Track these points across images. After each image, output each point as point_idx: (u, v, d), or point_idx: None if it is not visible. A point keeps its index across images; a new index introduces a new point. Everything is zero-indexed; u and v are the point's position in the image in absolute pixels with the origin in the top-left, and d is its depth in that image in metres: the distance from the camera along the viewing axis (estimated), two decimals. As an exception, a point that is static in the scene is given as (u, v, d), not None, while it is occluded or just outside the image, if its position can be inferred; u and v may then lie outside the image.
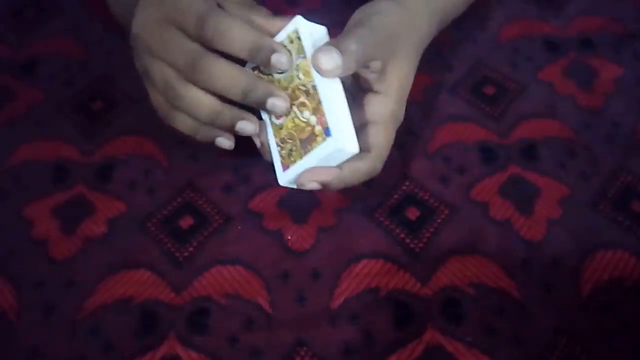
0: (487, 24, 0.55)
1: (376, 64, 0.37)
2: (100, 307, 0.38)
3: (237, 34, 0.34)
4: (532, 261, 0.40)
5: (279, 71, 0.36)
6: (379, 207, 0.43)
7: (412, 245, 0.41)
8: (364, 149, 0.37)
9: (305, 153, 0.35)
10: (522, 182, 0.44)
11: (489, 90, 0.50)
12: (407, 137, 0.46)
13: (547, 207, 0.43)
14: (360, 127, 0.37)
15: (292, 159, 0.37)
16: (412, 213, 0.43)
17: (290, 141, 0.36)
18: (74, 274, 0.40)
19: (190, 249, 0.41)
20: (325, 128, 0.34)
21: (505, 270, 0.40)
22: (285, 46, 0.35)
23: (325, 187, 0.36)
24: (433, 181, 0.44)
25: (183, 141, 0.46)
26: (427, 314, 0.38)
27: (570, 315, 0.38)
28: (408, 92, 0.40)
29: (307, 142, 0.35)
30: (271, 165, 0.38)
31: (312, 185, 0.36)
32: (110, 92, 0.50)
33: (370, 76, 0.38)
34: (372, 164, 0.37)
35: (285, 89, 0.36)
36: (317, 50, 0.34)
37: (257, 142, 0.39)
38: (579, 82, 0.50)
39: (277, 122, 0.37)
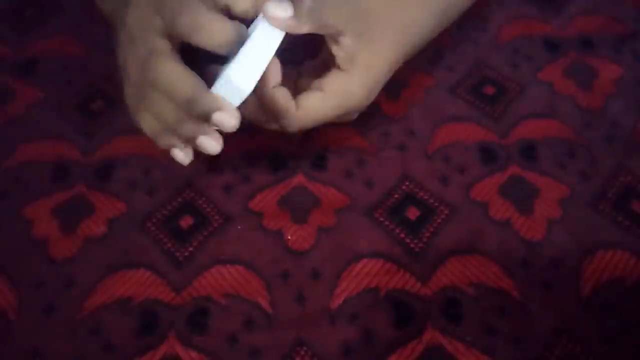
0: (487, 24, 0.55)
1: (345, 40, 0.35)
2: (100, 307, 0.38)
3: (176, 81, 0.33)
4: (532, 261, 0.40)
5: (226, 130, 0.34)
6: (379, 207, 0.43)
7: (412, 245, 0.41)
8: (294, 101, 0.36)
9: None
10: (522, 182, 0.44)
11: (489, 90, 0.50)
12: (407, 137, 0.46)
13: (547, 207, 0.43)
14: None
15: None
16: (412, 213, 0.43)
17: None
18: (74, 274, 0.40)
19: (190, 248, 0.41)
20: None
21: (505, 270, 0.40)
22: None
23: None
24: (433, 181, 0.44)
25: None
26: (427, 313, 0.38)
27: (570, 315, 0.38)
28: (378, 81, 0.38)
29: None
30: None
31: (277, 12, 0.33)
32: (110, 92, 0.50)
33: (339, 53, 0.36)
34: (288, 114, 0.36)
35: None
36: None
37: None
38: (579, 82, 0.50)
39: None
